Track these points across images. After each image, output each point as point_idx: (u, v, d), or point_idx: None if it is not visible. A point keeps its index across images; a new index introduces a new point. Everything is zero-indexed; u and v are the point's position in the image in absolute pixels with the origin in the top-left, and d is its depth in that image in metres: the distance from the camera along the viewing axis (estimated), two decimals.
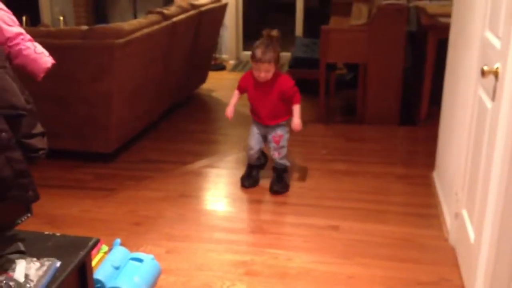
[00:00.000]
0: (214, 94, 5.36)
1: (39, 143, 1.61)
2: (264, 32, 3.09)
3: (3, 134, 1.40)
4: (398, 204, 3.11)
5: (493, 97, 2.01)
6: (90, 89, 3.42)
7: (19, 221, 1.84)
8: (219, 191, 3.33)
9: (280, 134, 3.19)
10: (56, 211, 3.01)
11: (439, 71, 3.29)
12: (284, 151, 3.22)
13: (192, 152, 3.85)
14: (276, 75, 3.09)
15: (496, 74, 1.96)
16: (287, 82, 3.14)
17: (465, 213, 2.40)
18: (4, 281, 1.56)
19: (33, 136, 1.59)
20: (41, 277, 1.62)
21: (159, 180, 3.43)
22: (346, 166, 3.60)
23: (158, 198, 3.18)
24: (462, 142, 2.54)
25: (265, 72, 3.02)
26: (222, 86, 5.58)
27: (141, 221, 2.92)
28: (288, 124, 3.22)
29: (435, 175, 3.27)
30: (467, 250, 2.32)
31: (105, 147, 3.62)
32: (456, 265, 2.49)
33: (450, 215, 2.71)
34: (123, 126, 3.70)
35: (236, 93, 3.26)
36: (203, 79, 5.34)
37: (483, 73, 2.01)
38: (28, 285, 1.58)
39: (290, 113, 3.18)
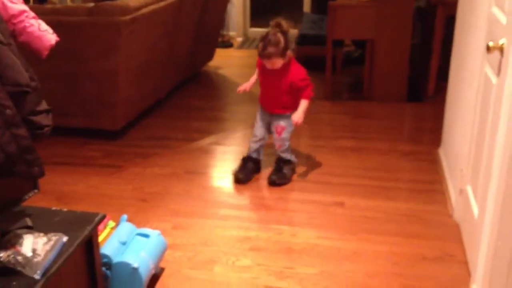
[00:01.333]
0: (221, 71, 5.35)
1: (44, 120, 1.63)
2: (272, 23, 2.90)
3: (8, 110, 1.42)
4: (403, 180, 3.12)
5: (498, 73, 2.00)
6: (97, 67, 3.43)
7: (27, 197, 1.87)
8: (225, 167, 3.35)
9: (283, 125, 3.03)
10: (63, 188, 3.04)
11: (447, 47, 3.26)
12: (285, 144, 3.08)
13: (199, 129, 3.87)
14: (288, 64, 2.93)
15: (501, 49, 1.94)
16: (298, 74, 2.96)
17: (469, 189, 2.41)
18: (12, 255, 1.59)
19: (38, 113, 1.60)
20: (48, 251, 1.65)
21: (165, 157, 3.45)
22: (353, 143, 3.61)
23: (164, 174, 3.21)
24: (467, 118, 2.53)
25: (271, 65, 2.89)
26: (229, 64, 5.57)
27: (147, 198, 2.95)
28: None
29: (441, 151, 3.27)
30: (470, 226, 2.34)
31: (112, 125, 3.65)
32: (460, 241, 2.50)
33: (455, 191, 2.72)
34: (130, 103, 3.71)
35: (257, 71, 3.12)
36: (210, 56, 5.33)
37: (489, 49, 1.99)
38: (35, 259, 1.61)
39: (297, 107, 2.98)
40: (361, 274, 2.31)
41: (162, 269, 2.34)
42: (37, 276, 1.57)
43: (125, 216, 2.32)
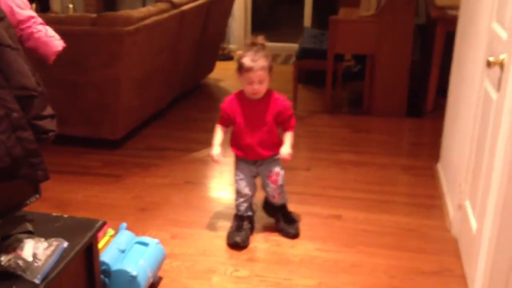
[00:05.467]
0: (221, 84, 5.38)
1: (49, 124, 1.65)
2: (248, 41, 2.56)
3: (14, 114, 1.43)
4: (402, 194, 3.13)
5: (498, 88, 2.03)
6: (99, 76, 3.45)
7: (28, 202, 1.88)
8: (224, 179, 3.35)
9: (277, 171, 2.62)
10: (63, 196, 3.05)
11: (447, 64, 3.29)
12: (283, 191, 2.70)
13: (199, 140, 3.88)
14: (269, 93, 2.57)
15: (501, 65, 1.97)
16: (285, 101, 2.59)
17: (468, 204, 2.42)
18: (13, 259, 1.60)
19: (43, 117, 1.62)
20: (48, 256, 1.66)
21: (165, 167, 3.46)
22: (352, 157, 3.62)
23: (164, 184, 3.22)
24: (466, 133, 2.55)
25: (258, 84, 2.47)
26: (229, 76, 5.59)
27: (146, 207, 2.95)
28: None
29: (440, 166, 3.29)
30: (469, 241, 2.34)
31: (113, 134, 3.66)
32: (458, 256, 2.51)
33: (453, 206, 2.73)
34: (131, 113, 3.73)
35: (219, 129, 2.62)
36: (210, 69, 5.36)
37: (489, 64, 2.02)
38: (36, 264, 1.62)
39: (281, 144, 2.61)
40: (359, 286, 2.32)
41: (160, 278, 2.34)
42: (37, 281, 1.58)
43: (124, 224, 2.33)
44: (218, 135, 2.62)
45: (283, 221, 2.73)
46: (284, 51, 6.44)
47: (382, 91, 4.34)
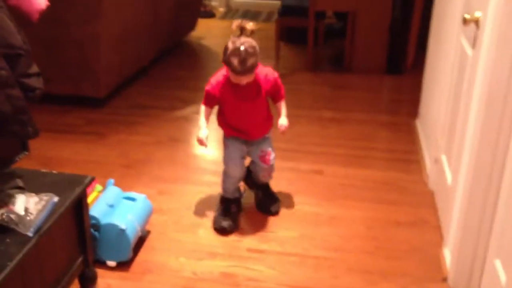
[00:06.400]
0: (203, 41, 5.36)
1: (36, 82, 1.68)
2: (234, 26, 2.27)
3: (2, 72, 1.46)
4: (381, 150, 3.22)
5: (473, 45, 2.09)
6: (79, 32, 3.43)
7: (17, 159, 1.92)
8: (208, 136, 3.39)
9: (268, 151, 2.51)
10: (48, 153, 3.08)
11: (428, 21, 3.33)
12: (273, 170, 2.60)
13: (182, 98, 3.91)
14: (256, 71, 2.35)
15: (477, 22, 2.02)
16: (273, 74, 2.44)
17: (444, 158, 2.51)
18: (6, 214, 1.65)
19: (30, 75, 1.65)
20: (40, 210, 1.71)
21: (149, 125, 3.50)
22: (332, 113, 3.69)
23: (148, 142, 3.26)
24: (444, 89, 2.62)
25: (249, 79, 2.30)
26: (212, 34, 5.58)
27: (132, 164, 3.01)
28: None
29: (418, 122, 3.37)
30: (444, 193, 2.45)
31: (96, 92, 3.66)
32: (434, 208, 2.62)
33: (430, 161, 2.83)
34: (113, 70, 3.73)
35: (204, 110, 2.42)
36: (192, 26, 5.33)
37: (465, 21, 2.07)
38: (28, 218, 1.67)
39: (272, 119, 2.54)
40: (338, 237, 2.42)
41: (148, 232, 2.41)
42: (30, 234, 1.64)
43: (112, 180, 2.38)
44: (204, 116, 2.43)
45: (263, 197, 2.64)
46: (266, 8, 6.42)
47: (363, 48, 4.38)
